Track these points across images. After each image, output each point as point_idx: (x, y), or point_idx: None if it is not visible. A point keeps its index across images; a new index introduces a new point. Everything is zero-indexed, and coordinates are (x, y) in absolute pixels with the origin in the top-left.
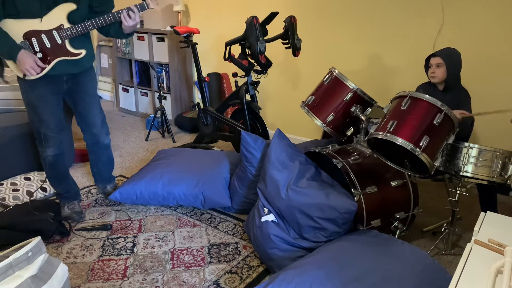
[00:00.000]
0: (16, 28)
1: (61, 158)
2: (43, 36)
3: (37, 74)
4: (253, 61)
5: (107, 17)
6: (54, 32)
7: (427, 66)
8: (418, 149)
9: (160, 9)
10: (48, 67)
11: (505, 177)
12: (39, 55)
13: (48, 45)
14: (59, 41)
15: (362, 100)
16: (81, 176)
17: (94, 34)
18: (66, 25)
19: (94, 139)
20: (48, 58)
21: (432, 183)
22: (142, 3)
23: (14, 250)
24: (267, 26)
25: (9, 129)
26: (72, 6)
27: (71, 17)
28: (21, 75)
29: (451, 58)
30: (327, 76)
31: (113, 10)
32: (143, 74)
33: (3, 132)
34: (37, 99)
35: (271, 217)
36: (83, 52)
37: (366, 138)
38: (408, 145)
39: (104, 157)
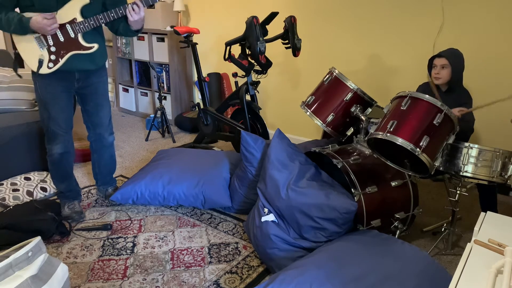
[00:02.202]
0: None
1: (67, 157)
2: (57, 30)
3: (56, 66)
4: (253, 61)
5: (119, 10)
6: (68, 26)
7: (430, 66)
8: (418, 149)
9: (169, 2)
10: (62, 61)
11: (505, 177)
12: (53, 48)
13: (61, 38)
14: (72, 35)
15: (362, 100)
16: (81, 176)
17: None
18: (79, 19)
19: (98, 137)
20: (61, 52)
21: (432, 183)
22: None
23: (14, 250)
24: (267, 26)
25: (10, 129)
26: (85, 1)
27: (84, 11)
28: (34, 69)
29: (456, 59)
30: (327, 76)
31: None
32: (143, 74)
33: (3, 132)
34: (48, 95)
35: (271, 217)
36: (95, 46)
37: (366, 138)
38: (408, 145)
39: (107, 156)
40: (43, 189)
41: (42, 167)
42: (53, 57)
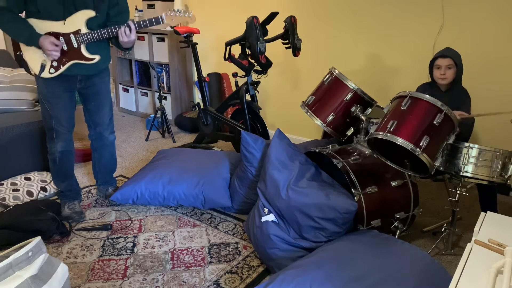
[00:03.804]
0: (38, 28)
1: (68, 155)
2: (61, 39)
3: (57, 72)
4: (253, 61)
5: (125, 26)
6: (72, 36)
7: (431, 67)
8: (418, 149)
9: (174, 25)
10: (63, 68)
11: (505, 177)
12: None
13: (64, 47)
14: (75, 45)
15: (362, 100)
16: (81, 176)
17: None
18: (84, 30)
19: (99, 136)
20: (63, 59)
21: (432, 183)
22: (157, 18)
23: (14, 250)
24: (267, 26)
25: (10, 129)
26: (91, 13)
27: (89, 23)
28: (37, 72)
29: (459, 59)
30: (327, 76)
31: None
32: (143, 74)
33: (3, 132)
34: (50, 95)
35: (271, 217)
36: (97, 58)
37: (366, 138)
38: (408, 145)
39: (107, 155)
40: (43, 189)
41: (43, 167)
42: (55, 63)
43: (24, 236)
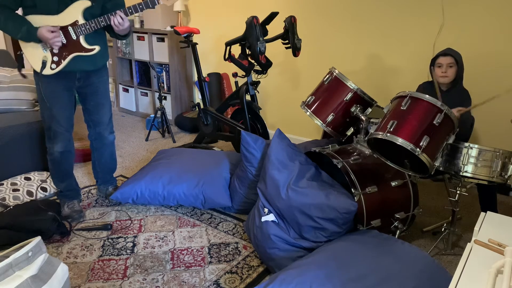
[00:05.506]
0: (36, 24)
1: (67, 156)
2: (60, 32)
3: (58, 67)
4: (253, 61)
5: (115, 15)
6: (70, 28)
7: (433, 65)
8: (418, 149)
9: (170, 4)
10: (64, 63)
11: (505, 177)
12: (56, 50)
13: (64, 41)
14: (74, 37)
15: (362, 100)
16: (81, 176)
17: None
18: (81, 21)
19: (98, 135)
20: (64, 53)
21: (432, 183)
22: None
23: (14, 250)
24: (267, 26)
25: (10, 129)
26: (87, 3)
27: (85, 14)
28: (38, 69)
29: (460, 58)
30: (327, 76)
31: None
32: (143, 74)
33: (3, 132)
34: (50, 94)
35: (271, 217)
36: (97, 48)
37: (366, 138)
38: (408, 145)
39: (107, 154)
40: (43, 189)
41: (43, 167)
42: (55, 58)
43: (24, 236)
